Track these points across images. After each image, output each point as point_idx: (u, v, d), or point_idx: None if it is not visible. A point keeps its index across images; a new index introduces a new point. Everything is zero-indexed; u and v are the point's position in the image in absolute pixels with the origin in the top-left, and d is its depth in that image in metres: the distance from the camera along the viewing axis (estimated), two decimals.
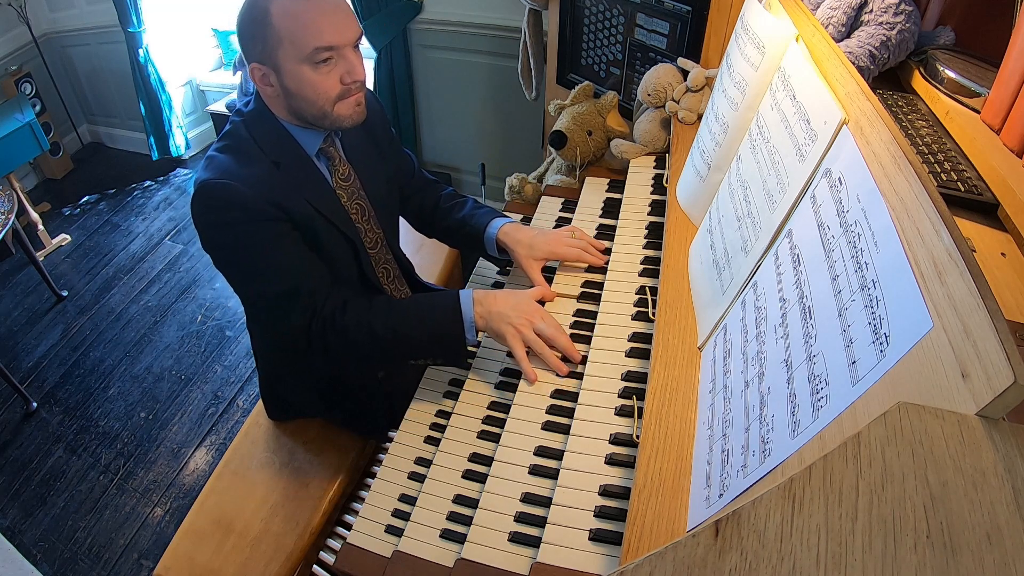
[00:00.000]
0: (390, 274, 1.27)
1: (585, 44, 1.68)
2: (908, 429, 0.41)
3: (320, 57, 0.96)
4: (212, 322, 2.59)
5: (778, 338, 0.65)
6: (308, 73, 0.97)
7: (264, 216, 0.99)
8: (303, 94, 0.99)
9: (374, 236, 1.20)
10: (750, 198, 0.86)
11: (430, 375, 1.17)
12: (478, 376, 1.10)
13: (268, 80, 1.00)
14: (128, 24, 3.02)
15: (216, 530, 1.16)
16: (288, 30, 0.94)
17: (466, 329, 1.06)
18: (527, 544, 0.83)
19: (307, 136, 1.07)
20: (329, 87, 0.99)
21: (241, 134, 1.04)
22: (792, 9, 0.94)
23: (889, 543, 0.36)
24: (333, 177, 1.12)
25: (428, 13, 2.51)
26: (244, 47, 0.99)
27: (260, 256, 1.01)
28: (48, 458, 2.12)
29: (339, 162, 1.12)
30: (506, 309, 1.05)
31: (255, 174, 1.00)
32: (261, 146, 1.03)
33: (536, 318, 1.04)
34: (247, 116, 1.06)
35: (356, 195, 1.15)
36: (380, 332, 1.05)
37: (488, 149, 2.78)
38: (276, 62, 0.97)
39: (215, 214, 0.99)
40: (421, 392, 1.14)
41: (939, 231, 0.49)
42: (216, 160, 1.01)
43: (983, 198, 0.85)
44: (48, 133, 3.24)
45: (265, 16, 0.94)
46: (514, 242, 1.20)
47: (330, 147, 1.11)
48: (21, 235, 2.51)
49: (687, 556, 0.41)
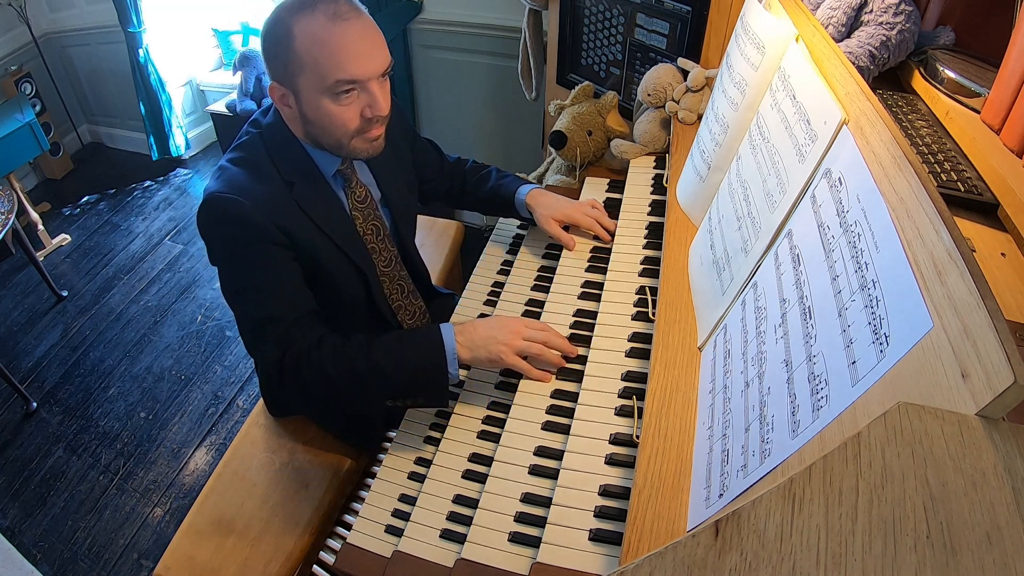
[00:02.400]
0: (404, 290, 1.25)
1: (585, 44, 1.68)
2: (908, 429, 0.41)
3: (342, 89, 0.91)
4: (212, 322, 2.59)
5: (778, 338, 0.65)
6: (328, 104, 0.93)
7: (264, 238, 0.96)
8: (321, 124, 0.96)
9: (388, 255, 1.18)
10: (750, 198, 0.86)
11: None
12: (478, 376, 1.10)
13: (287, 101, 0.97)
14: (128, 24, 3.02)
15: (216, 530, 1.16)
16: (311, 57, 0.89)
17: (448, 362, 1.00)
18: (527, 544, 0.83)
19: (324, 157, 1.04)
20: (348, 120, 0.95)
21: (257, 147, 1.02)
22: (792, 9, 0.94)
23: (889, 543, 0.36)
24: (349, 199, 1.10)
25: (428, 13, 2.51)
26: (266, 62, 0.96)
27: (253, 276, 0.99)
28: (48, 458, 2.12)
29: (356, 184, 1.10)
30: (489, 332, 1.01)
31: (265, 192, 0.97)
32: (276, 163, 1.01)
33: (521, 327, 1.02)
34: (265, 129, 1.03)
35: (372, 216, 1.13)
36: (360, 367, 0.98)
37: (488, 149, 2.78)
38: (295, 86, 0.93)
39: (219, 227, 0.98)
40: None
41: (939, 231, 0.49)
42: (228, 172, 0.99)
43: (983, 198, 0.85)
44: (48, 133, 3.24)
45: (288, 37, 0.89)
46: (537, 204, 1.30)
47: (347, 169, 1.08)
48: (21, 235, 2.50)
49: (687, 556, 0.41)
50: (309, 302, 1.04)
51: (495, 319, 1.06)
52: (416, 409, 1.11)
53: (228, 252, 0.99)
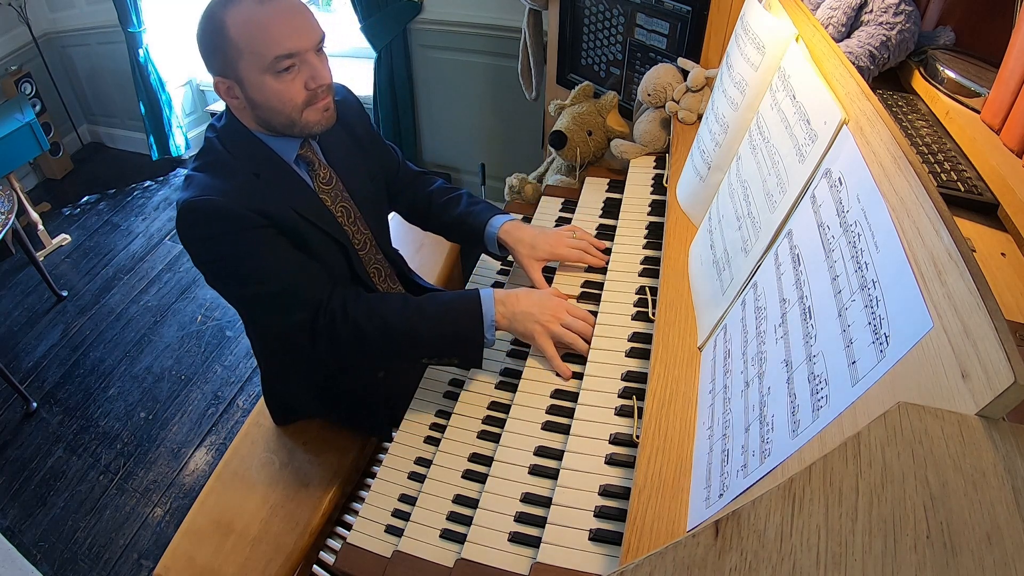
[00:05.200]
0: (381, 273, 1.26)
1: (585, 44, 1.68)
2: (908, 429, 0.41)
3: (282, 65, 0.93)
4: (212, 322, 2.59)
5: (778, 338, 0.65)
6: (271, 83, 0.95)
7: (250, 224, 0.97)
8: (269, 104, 0.97)
9: (362, 237, 1.19)
10: (750, 198, 0.86)
11: (430, 375, 1.17)
12: (478, 376, 1.10)
13: (233, 93, 0.98)
14: (128, 24, 3.02)
15: (216, 530, 1.16)
16: (246, 41, 0.92)
17: (486, 327, 1.03)
18: (527, 544, 0.83)
19: (282, 144, 1.05)
20: (294, 94, 0.97)
21: (216, 149, 1.03)
22: (792, 9, 0.94)
23: (889, 543, 0.36)
24: (315, 182, 1.10)
25: (428, 13, 2.51)
26: (205, 61, 0.98)
27: (251, 261, 1.00)
28: (48, 458, 2.12)
29: (319, 166, 1.11)
30: (531, 308, 1.04)
31: (235, 186, 0.98)
32: (237, 159, 1.02)
33: (562, 312, 1.04)
34: (220, 131, 1.05)
35: (340, 197, 1.14)
36: (395, 325, 1.02)
37: (488, 149, 2.78)
38: (238, 74, 0.95)
39: (200, 229, 0.98)
40: (421, 392, 1.14)
41: (939, 231, 0.49)
42: (195, 179, 1.00)
43: (983, 198, 0.85)
44: (48, 133, 3.24)
45: (222, 28, 0.92)
46: (515, 241, 1.20)
47: (308, 152, 1.09)
48: (21, 235, 2.51)
49: (687, 556, 0.41)
50: (316, 267, 1.06)
51: (540, 294, 1.07)
52: (416, 409, 1.11)
53: (219, 249, 0.99)
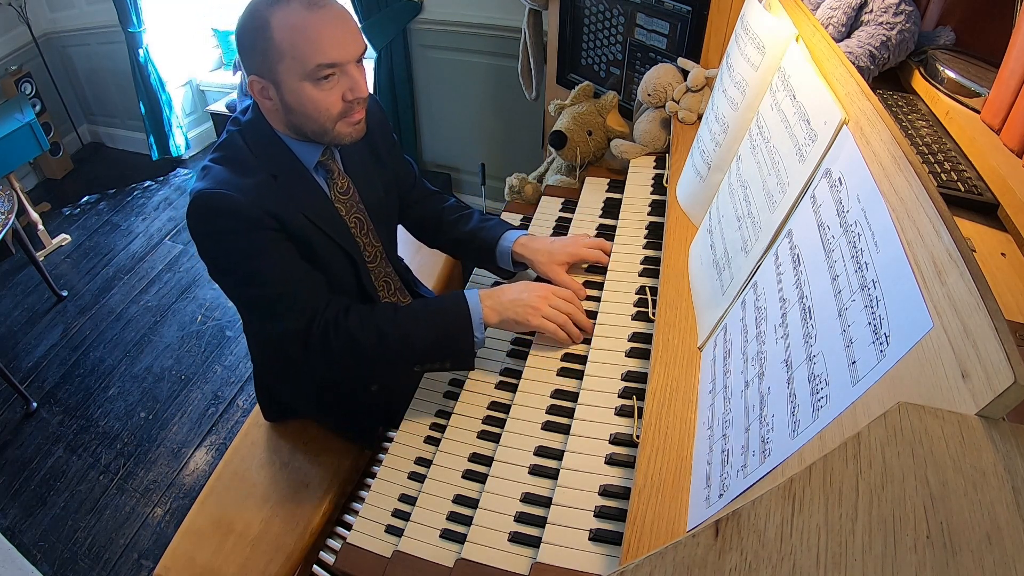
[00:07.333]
0: (391, 286, 1.26)
1: (585, 44, 1.68)
2: (908, 429, 0.41)
3: (323, 74, 0.93)
4: (212, 322, 2.59)
5: (778, 338, 0.65)
6: (310, 90, 0.94)
7: (259, 225, 0.97)
8: (304, 111, 0.97)
9: (373, 250, 1.19)
10: (750, 198, 0.86)
11: (430, 375, 1.17)
12: (478, 376, 1.10)
13: (267, 94, 0.97)
14: (128, 24, 3.02)
15: (216, 530, 1.16)
16: (290, 45, 0.91)
17: (475, 327, 1.04)
18: (527, 544, 0.83)
19: (305, 149, 1.05)
20: (331, 104, 0.96)
21: (237, 144, 1.02)
22: (792, 9, 0.94)
23: (889, 543, 0.36)
24: (332, 190, 1.10)
25: (428, 13, 2.51)
26: (243, 57, 0.97)
27: (255, 262, 0.99)
28: (48, 458, 2.12)
29: (338, 175, 1.10)
30: (517, 295, 1.05)
31: (251, 184, 0.98)
32: (258, 158, 1.02)
33: (549, 294, 1.06)
34: (244, 126, 1.04)
35: (355, 208, 1.13)
36: (389, 332, 1.02)
37: (488, 149, 2.78)
38: (276, 77, 0.94)
39: (210, 223, 0.98)
40: (421, 392, 1.14)
41: (939, 231, 0.49)
42: (212, 170, 1.00)
43: (983, 198, 0.85)
44: (48, 133, 3.24)
45: (266, 28, 0.90)
46: (533, 252, 1.19)
47: (329, 160, 1.09)
48: (21, 235, 2.51)
49: (687, 556, 0.41)
50: (318, 276, 1.06)
51: (522, 283, 1.08)
52: (416, 409, 1.11)
53: (225, 245, 0.99)
